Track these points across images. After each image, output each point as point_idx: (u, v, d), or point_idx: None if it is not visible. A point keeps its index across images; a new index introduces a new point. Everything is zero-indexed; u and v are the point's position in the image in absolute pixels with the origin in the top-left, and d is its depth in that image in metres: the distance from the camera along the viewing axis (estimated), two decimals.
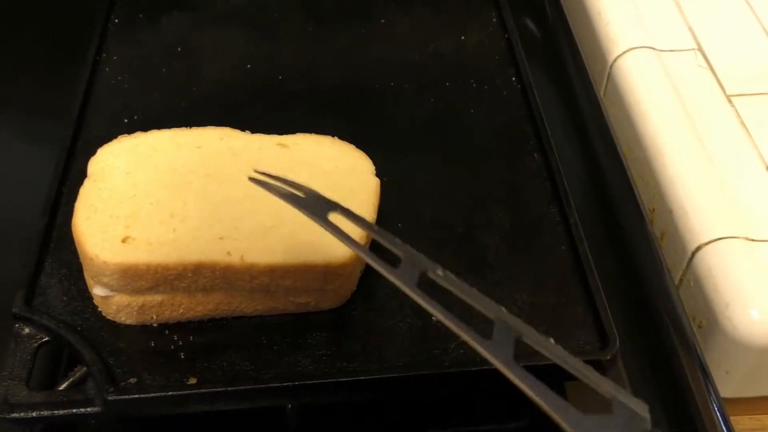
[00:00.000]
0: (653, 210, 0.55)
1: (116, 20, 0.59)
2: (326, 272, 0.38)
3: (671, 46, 0.62)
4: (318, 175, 0.42)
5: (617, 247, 0.50)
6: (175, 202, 0.40)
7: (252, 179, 0.36)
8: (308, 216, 0.34)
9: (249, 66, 0.55)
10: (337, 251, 0.38)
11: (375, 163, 0.45)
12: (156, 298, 0.39)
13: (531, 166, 0.48)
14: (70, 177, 0.47)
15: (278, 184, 0.35)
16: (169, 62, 0.56)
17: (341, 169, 0.43)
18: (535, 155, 0.49)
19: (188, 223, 0.39)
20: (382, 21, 0.59)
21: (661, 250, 0.50)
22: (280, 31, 0.58)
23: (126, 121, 0.51)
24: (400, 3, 0.61)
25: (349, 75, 0.55)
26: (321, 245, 0.39)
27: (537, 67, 0.58)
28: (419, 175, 0.48)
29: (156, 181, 0.42)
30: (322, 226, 0.33)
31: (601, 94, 0.62)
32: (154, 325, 0.40)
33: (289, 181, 0.36)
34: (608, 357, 0.38)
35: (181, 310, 0.40)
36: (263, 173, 0.36)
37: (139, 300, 0.39)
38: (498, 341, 0.29)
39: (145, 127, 0.50)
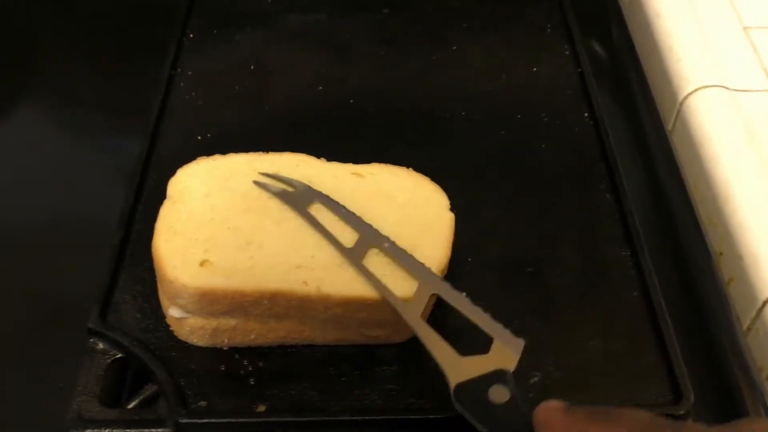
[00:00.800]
0: (721, 254, 0.54)
1: (191, 35, 0.59)
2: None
3: (745, 86, 0.61)
4: (393, 208, 0.42)
5: (684, 291, 0.49)
6: (252, 228, 0.41)
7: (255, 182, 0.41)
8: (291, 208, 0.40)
9: (320, 87, 0.56)
10: (413, 286, 0.39)
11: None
12: (230, 322, 0.39)
13: (602, 207, 0.48)
14: (145, 192, 0.47)
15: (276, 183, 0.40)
16: (242, 79, 0.56)
17: (416, 202, 0.43)
18: (607, 195, 0.48)
19: (265, 250, 0.40)
20: (454, 48, 0.59)
21: (728, 296, 0.49)
22: (352, 53, 0.59)
23: (199, 138, 0.52)
24: (473, 30, 0.61)
25: (420, 102, 0.55)
26: (396, 279, 0.39)
27: (604, 101, 0.58)
28: (488, 209, 0.48)
29: (233, 205, 0.42)
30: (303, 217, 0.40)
31: (670, 131, 0.62)
32: (225, 348, 0.41)
33: (287, 179, 0.41)
34: (682, 412, 0.38)
35: (252, 336, 0.40)
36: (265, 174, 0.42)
37: (213, 323, 0.39)
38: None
39: (218, 144, 0.51)
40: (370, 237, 0.40)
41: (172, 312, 0.40)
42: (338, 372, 0.40)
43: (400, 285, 0.39)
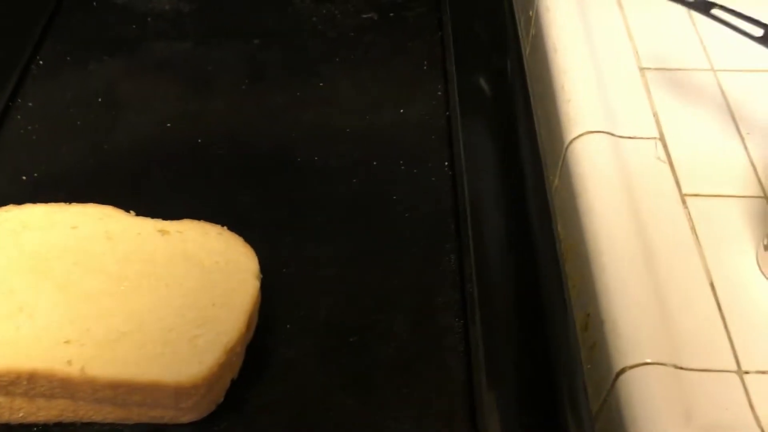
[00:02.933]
0: (588, 315, 0.51)
1: (41, 61, 0.56)
2: (177, 392, 0.35)
3: (632, 133, 0.57)
4: (195, 272, 0.39)
5: (532, 357, 0.46)
6: (29, 292, 0.37)
7: None
8: None
9: (169, 125, 0.52)
10: (189, 369, 0.35)
11: (279, 249, 0.42)
12: None
13: (445, 269, 0.44)
14: None
15: None
16: (87, 114, 0.52)
17: (222, 266, 0.39)
18: (452, 256, 0.45)
19: (35, 321, 0.36)
20: (322, 84, 0.55)
21: (588, 366, 0.46)
22: (213, 87, 0.55)
23: (24, 178, 0.48)
24: (347, 63, 0.57)
25: (275, 143, 0.51)
26: (173, 361, 0.35)
27: (481, 144, 0.54)
28: (324, 269, 0.44)
29: (16, 265, 0.38)
30: None
31: (556, 179, 0.58)
32: None
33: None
34: None
35: (21, 414, 0.36)
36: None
37: None
38: None
39: (42, 186, 0.47)
40: None
41: None
42: None
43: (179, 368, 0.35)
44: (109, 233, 0.40)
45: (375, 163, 0.50)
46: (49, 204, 0.41)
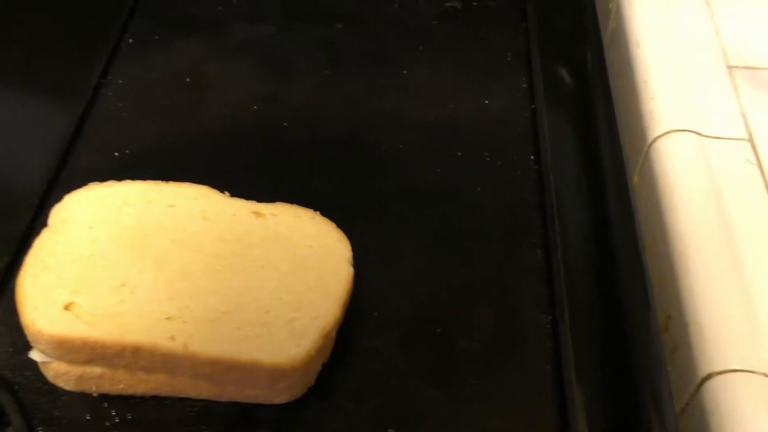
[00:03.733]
0: (669, 317, 0.50)
1: (130, 39, 0.56)
2: (274, 373, 0.35)
3: (719, 133, 0.56)
4: (289, 255, 0.39)
5: (615, 355, 0.45)
6: (131, 268, 0.38)
7: None
8: None
9: (255, 107, 0.52)
10: (287, 351, 0.35)
11: (362, 237, 0.41)
12: (95, 370, 0.37)
13: (530, 263, 0.44)
14: (45, 211, 0.45)
15: None
16: (174, 93, 0.53)
17: (315, 251, 0.40)
18: (538, 251, 0.44)
19: (138, 295, 0.37)
20: (404, 72, 0.55)
21: (669, 368, 0.45)
22: (295, 71, 0.55)
23: (116, 154, 0.49)
24: (428, 52, 0.57)
25: (356, 129, 0.51)
26: (271, 342, 0.35)
27: (563, 137, 0.53)
28: (407, 257, 0.44)
29: (117, 239, 0.39)
30: None
31: (635, 177, 0.57)
32: (95, 395, 0.38)
33: None
34: None
35: (121, 386, 0.37)
36: None
37: (78, 370, 0.37)
38: None
39: (134, 163, 0.48)
40: None
41: (33, 355, 0.37)
42: (209, 430, 0.37)
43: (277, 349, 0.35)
44: (204, 213, 0.40)
45: (459, 153, 0.50)
46: (147, 181, 0.42)
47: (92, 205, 0.40)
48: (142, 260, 0.38)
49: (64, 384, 0.38)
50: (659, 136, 0.56)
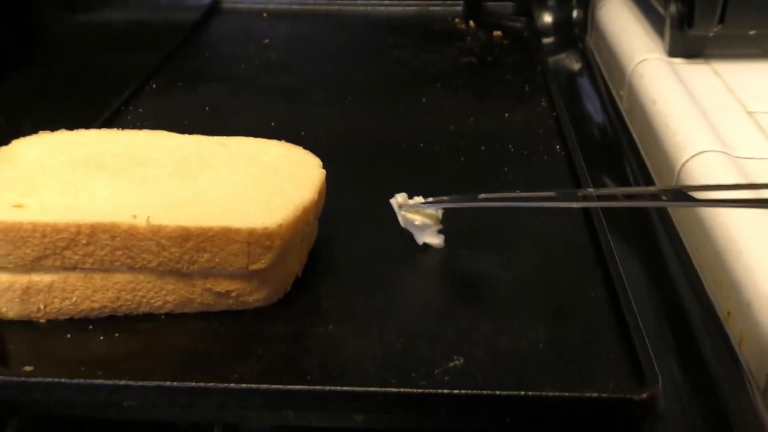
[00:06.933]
0: (728, 313, 0.44)
1: (154, 85, 0.58)
2: (250, 244, 0.31)
3: (748, 154, 0.54)
4: (257, 164, 0.37)
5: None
6: (85, 178, 0.35)
7: None
8: None
9: (273, 123, 0.52)
10: (264, 219, 0.32)
11: None
12: (44, 278, 0.32)
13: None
14: None
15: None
16: (194, 117, 0.53)
17: (284, 159, 0.37)
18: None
19: (94, 193, 0.34)
20: (423, 99, 0.55)
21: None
22: (313, 103, 0.56)
23: None
24: (446, 89, 0.57)
25: (383, 139, 0.50)
26: (246, 212, 0.32)
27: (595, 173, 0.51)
28: None
29: (70, 165, 0.36)
30: None
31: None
32: (42, 320, 0.33)
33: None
34: (644, 396, 0.27)
35: (75, 298, 0.32)
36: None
37: (24, 280, 0.32)
38: None
39: None
40: None
41: None
42: (206, 347, 0.32)
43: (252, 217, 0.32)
44: (165, 143, 0.38)
45: (483, 147, 0.48)
46: (102, 129, 0.41)
47: (42, 145, 0.38)
48: (99, 173, 0.35)
49: (6, 308, 0.33)
50: (690, 158, 0.54)
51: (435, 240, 0.38)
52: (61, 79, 0.59)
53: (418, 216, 0.37)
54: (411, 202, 0.37)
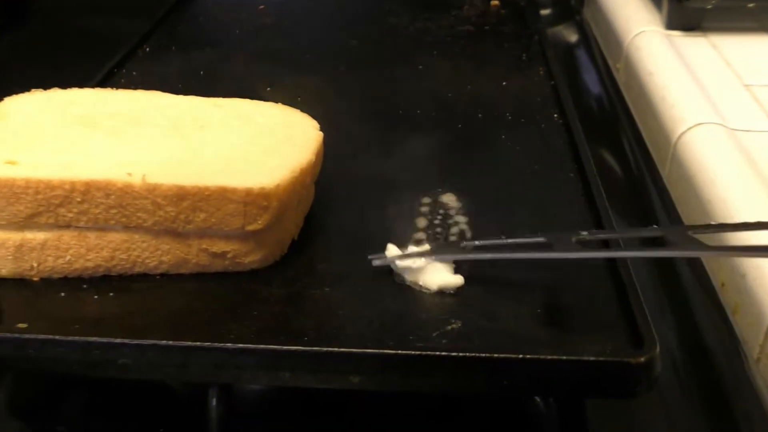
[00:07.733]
0: (723, 285, 0.45)
1: (147, 49, 0.57)
2: (247, 202, 0.31)
3: (745, 127, 0.54)
4: (253, 125, 0.37)
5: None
6: (80, 137, 0.34)
7: None
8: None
9: (269, 89, 0.51)
10: (261, 178, 0.31)
11: None
12: (38, 236, 0.32)
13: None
14: None
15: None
16: (188, 81, 0.52)
17: (280, 120, 0.37)
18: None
19: (89, 151, 0.33)
20: (420, 67, 0.55)
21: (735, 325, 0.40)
22: (307, 68, 0.55)
23: None
24: (443, 56, 0.56)
25: (378, 105, 0.50)
26: (243, 172, 0.32)
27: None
28: None
29: (64, 123, 0.36)
30: None
31: (665, 173, 0.55)
32: (35, 279, 0.32)
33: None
34: (642, 360, 0.27)
35: (68, 257, 0.32)
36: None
37: (17, 237, 0.31)
38: None
39: None
40: None
41: None
42: (201, 307, 0.31)
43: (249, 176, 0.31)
44: (158, 106, 0.38)
45: (480, 116, 0.48)
46: (97, 88, 0.40)
47: (36, 102, 0.37)
48: (93, 131, 0.35)
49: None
50: (686, 131, 0.54)
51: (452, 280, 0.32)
52: (54, 42, 0.58)
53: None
54: (388, 255, 0.33)
